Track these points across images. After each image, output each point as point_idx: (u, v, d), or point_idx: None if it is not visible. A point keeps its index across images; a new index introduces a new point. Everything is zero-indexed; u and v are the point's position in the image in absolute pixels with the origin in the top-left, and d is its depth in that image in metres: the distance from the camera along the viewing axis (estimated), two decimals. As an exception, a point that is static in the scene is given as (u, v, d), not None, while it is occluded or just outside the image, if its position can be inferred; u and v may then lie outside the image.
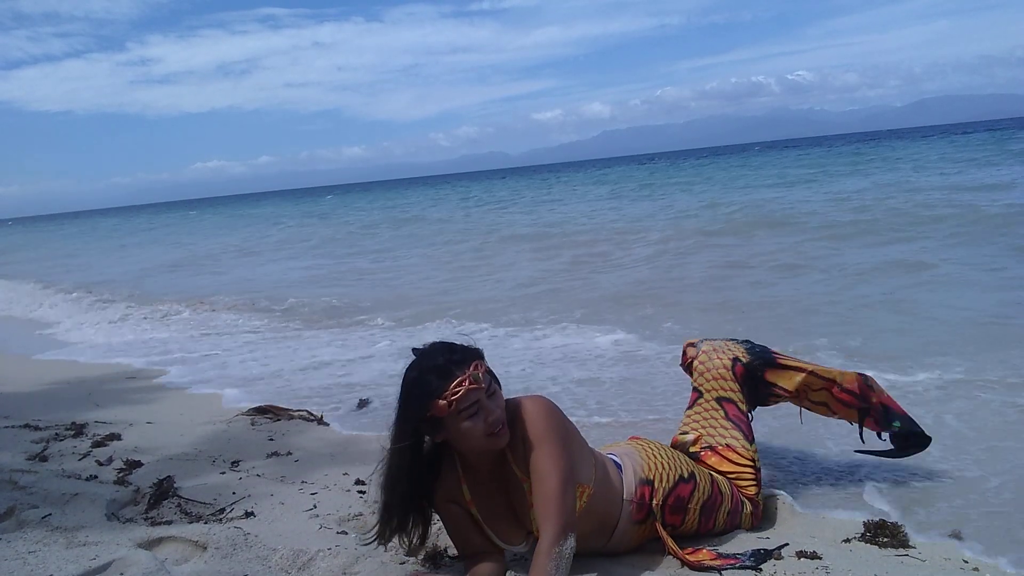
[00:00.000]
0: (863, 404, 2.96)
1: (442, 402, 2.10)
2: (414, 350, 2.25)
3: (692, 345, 3.10)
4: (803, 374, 2.92)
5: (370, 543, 2.37)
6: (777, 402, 3.05)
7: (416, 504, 2.33)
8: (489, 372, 2.20)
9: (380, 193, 73.34)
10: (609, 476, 2.42)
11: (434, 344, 2.24)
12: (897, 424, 3.00)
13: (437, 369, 2.13)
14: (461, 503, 2.34)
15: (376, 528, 2.33)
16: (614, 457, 2.53)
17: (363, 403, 4.93)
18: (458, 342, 2.24)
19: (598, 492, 2.33)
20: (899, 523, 2.67)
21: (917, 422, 3.06)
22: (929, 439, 3.04)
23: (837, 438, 3.77)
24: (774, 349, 3.05)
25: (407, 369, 2.21)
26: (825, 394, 2.95)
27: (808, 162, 37.96)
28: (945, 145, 41.30)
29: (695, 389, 2.98)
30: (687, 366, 3.08)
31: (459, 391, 2.09)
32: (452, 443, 2.25)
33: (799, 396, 2.97)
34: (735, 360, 2.92)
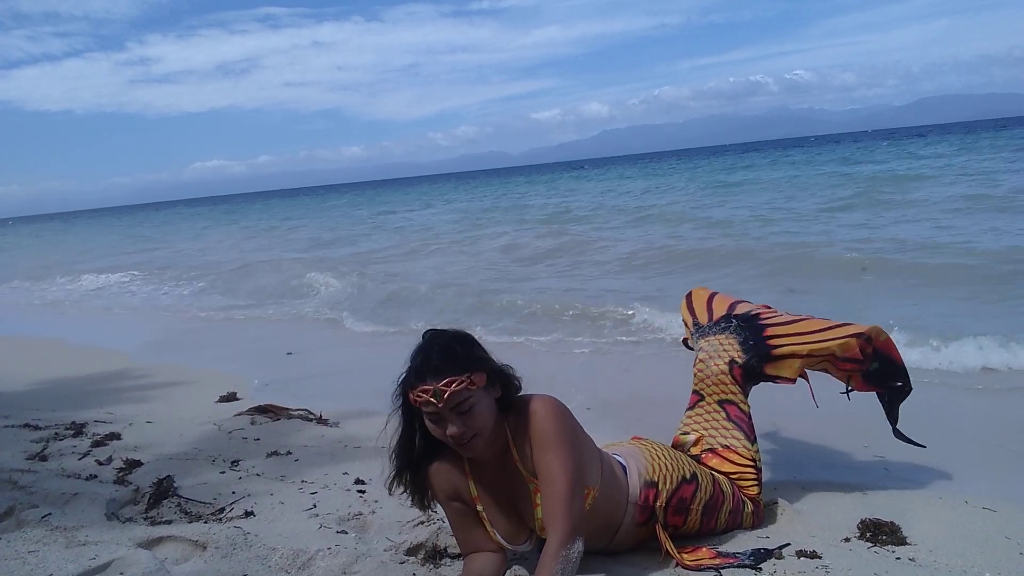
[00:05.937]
0: (864, 367, 2.89)
1: (412, 395, 2.15)
2: (430, 330, 2.25)
3: (690, 311, 3.25)
4: (800, 359, 2.88)
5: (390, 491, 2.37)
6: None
7: (416, 463, 2.31)
8: (470, 389, 2.11)
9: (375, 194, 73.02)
10: (615, 477, 2.41)
11: (438, 336, 2.20)
12: (899, 383, 2.91)
13: (416, 367, 2.15)
14: (466, 499, 2.34)
15: (391, 477, 2.34)
16: (619, 458, 2.52)
17: None
18: (459, 348, 2.17)
19: (603, 493, 2.33)
20: (898, 523, 2.66)
21: (907, 374, 2.95)
22: (910, 389, 2.95)
23: (837, 437, 3.77)
24: (764, 324, 2.99)
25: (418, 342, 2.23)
26: (826, 365, 2.93)
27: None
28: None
29: (695, 392, 2.98)
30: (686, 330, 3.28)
31: (421, 397, 2.11)
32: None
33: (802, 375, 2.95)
34: (732, 362, 2.92)
